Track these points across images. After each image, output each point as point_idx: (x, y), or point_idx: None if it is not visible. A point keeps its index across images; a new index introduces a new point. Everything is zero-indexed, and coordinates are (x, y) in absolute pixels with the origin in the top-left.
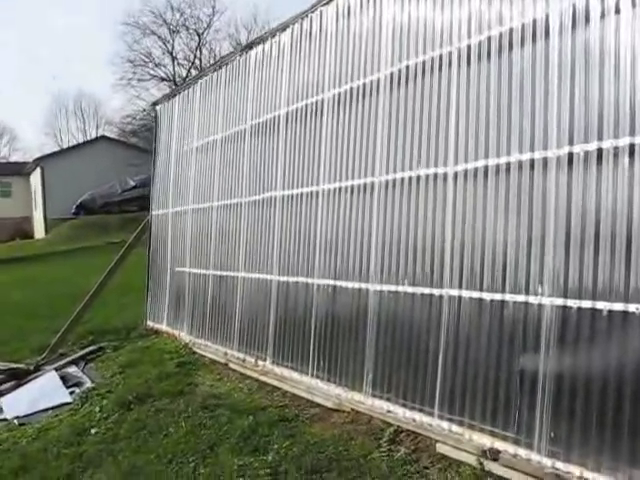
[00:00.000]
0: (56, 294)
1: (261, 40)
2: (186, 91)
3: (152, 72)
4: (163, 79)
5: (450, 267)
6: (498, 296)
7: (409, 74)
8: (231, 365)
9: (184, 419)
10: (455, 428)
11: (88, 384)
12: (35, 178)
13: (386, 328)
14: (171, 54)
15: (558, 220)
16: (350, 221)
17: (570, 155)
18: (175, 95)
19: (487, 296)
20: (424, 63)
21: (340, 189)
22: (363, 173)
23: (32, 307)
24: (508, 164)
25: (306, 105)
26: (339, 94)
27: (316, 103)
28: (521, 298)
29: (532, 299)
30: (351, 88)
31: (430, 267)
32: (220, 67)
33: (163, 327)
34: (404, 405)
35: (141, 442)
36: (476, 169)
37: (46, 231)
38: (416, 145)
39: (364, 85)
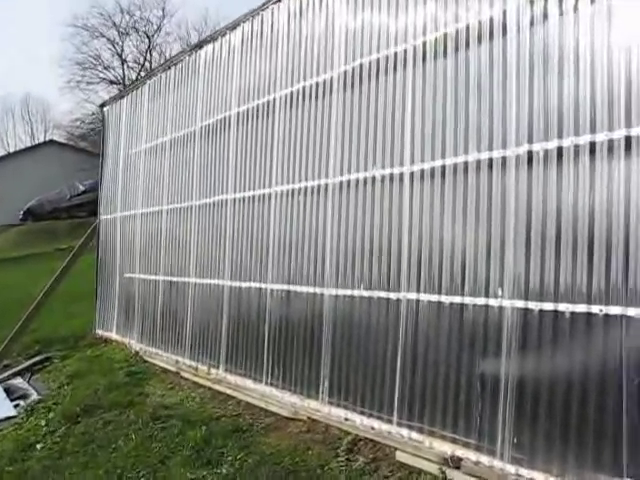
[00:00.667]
0: (2, 301)
1: (211, 39)
2: (134, 92)
3: (101, 75)
4: (112, 82)
5: (407, 270)
6: (457, 299)
7: (362, 73)
8: (183, 374)
9: (134, 431)
10: (415, 435)
11: (34, 396)
12: None
13: (342, 333)
14: (120, 57)
15: (518, 221)
16: (304, 224)
17: (529, 154)
18: (123, 97)
19: (446, 299)
20: (378, 61)
21: (293, 191)
22: (317, 174)
23: None
24: (466, 163)
25: (257, 105)
26: (291, 93)
27: (268, 103)
28: (481, 301)
29: (492, 302)
30: (303, 87)
31: (387, 270)
32: (169, 67)
33: (113, 335)
34: (362, 412)
35: (89, 457)
36: (432, 169)
37: None
38: (371, 145)
39: (317, 84)
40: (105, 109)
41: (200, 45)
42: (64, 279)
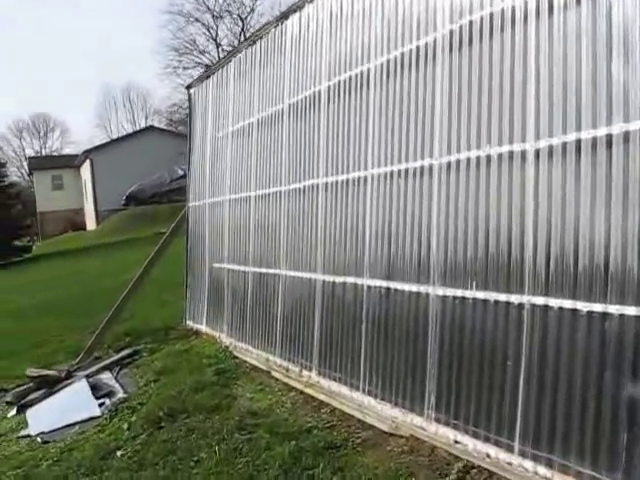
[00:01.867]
0: (100, 289)
1: (298, 8)
2: (220, 71)
3: (197, 59)
4: (208, 66)
5: (533, 268)
6: (598, 307)
7: (473, 31)
8: (274, 373)
9: (218, 442)
10: (542, 470)
11: (120, 394)
12: (85, 170)
13: (451, 341)
14: (215, 40)
15: None
16: (405, 212)
17: None
18: (209, 76)
19: (583, 306)
20: (491, 17)
21: (392, 173)
22: (419, 154)
23: (74, 304)
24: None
25: (350, 77)
26: (388, 61)
27: (361, 74)
28: (631, 310)
29: None
30: (402, 54)
31: (507, 268)
32: (254, 42)
33: (203, 328)
34: (475, 435)
35: (169, 470)
36: (565, 144)
37: (97, 223)
38: (485, 118)
39: (417, 48)
40: (192, 90)
41: (286, 15)
42: (157, 264)
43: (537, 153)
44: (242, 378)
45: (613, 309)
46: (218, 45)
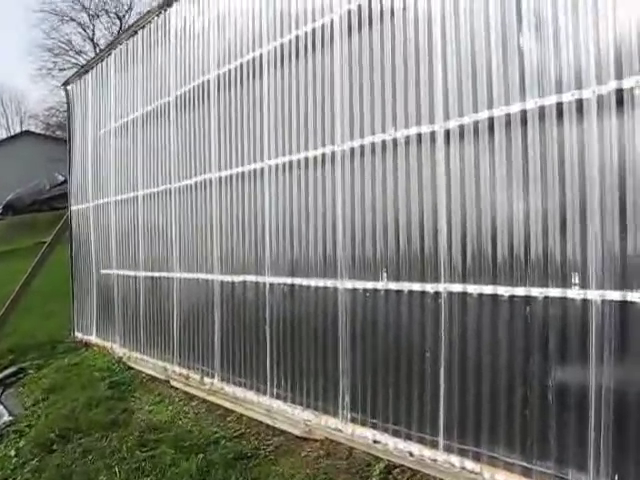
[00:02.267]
0: None
1: None
2: (100, 65)
3: (73, 60)
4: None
5: (448, 254)
6: (520, 290)
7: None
8: (173, 383)
9: (118, 462)
10: (470, 464)
11: (5, 417)
12: None
13: (364, 335)
14: (92, 40)
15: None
16: (307, 203)
17: None
18: (88, 71)
19: (504, 291)
20: None
21: (291, 163)
22: (320, 142)
23: None
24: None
25: (241, 64)
26: (282, 46)
27: (254, 60)
28: (555, 292)
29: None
30: (297, 37)
31: (420, 255)
32: (136, 32)
33: (93, 339)
34: (395, 433)
35: None
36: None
37: None
38: (389, 100)
39: (313, 31)
40: (69, 87)
41: (169, 2)
42: (40, 274)
43: (447, 134)
44: (139, 390)
45: (536, 292)
46: (95, 45)
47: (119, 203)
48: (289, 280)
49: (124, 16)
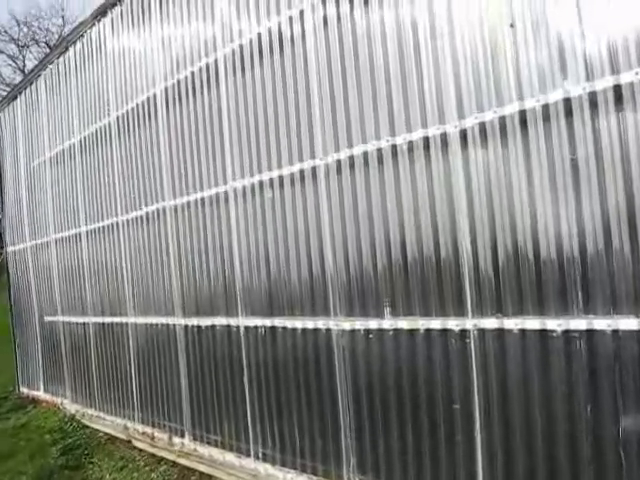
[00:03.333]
0: None
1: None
2: (29, 88)
3: (3, 92)
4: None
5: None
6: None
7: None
8: (136, 443)
9: None
10: None
11: None
12: None
13: (369, 385)
14: (22, 71)
15: None
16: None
17: None
18: (16, 97)
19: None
20: None
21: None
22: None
23: None
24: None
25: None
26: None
27: (148, 100)
28: None
29: None
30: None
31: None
32: (67, 49)
33: (40, 394)
34: None
35: None
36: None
37: None
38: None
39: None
40: None
41: (104, 12)
42: None
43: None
44: (97, 454)
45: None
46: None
47: (60, 241)
48: (268, 321)
49: (54, 45)
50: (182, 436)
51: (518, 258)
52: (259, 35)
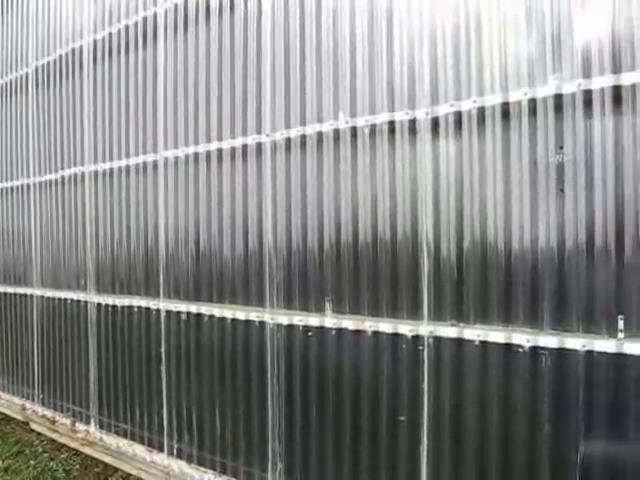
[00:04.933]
0: None
1: None
2: None
3: None
4: None
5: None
6: None
7: None
8: (35, 427)
9: None
10: None
11: None
12: None
13: (304, 384)
14: None
15: None
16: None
17: None
18: None
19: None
20: None
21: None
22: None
23: None
24: None
25: (60, 56)
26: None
27: (73, 52)
28: None
29: None
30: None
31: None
32: None
33: None
34: None
35: None
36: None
37: None
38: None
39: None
40: None
41: None
42: None
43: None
44: None
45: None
46: None
47: None
48: (193, 307)
49: None
50: (87, 423)
51: (486, 261)
52: None
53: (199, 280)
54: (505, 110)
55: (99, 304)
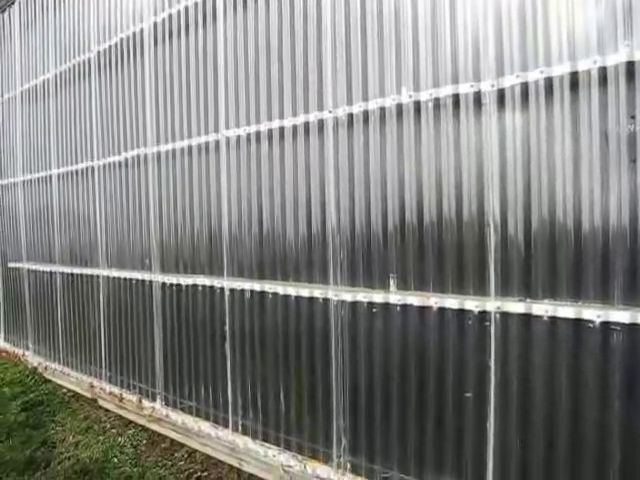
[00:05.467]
0: None
1: None
2: (0, 17)
3: None
4: None
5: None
6: None
7: None
8: (103, 403)
9: None
10: None
11: None
12: None
13: (368, 356)
14: None
15: None
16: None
17: None
18: None
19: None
20: None
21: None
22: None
23: None
24: None
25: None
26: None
27: (134, 34)
28: None
29: None
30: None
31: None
32: None
33: (0, 344)
34: None
35: None
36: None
37: None
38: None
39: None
40: None
41: None
42: None
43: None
44: (61, 412)
45: None
46: None
47: (28, 184)
48: (257, 285)
49: None
50: (153, 400)
51: (555, 237)
52: None
53: (262, 259)
54: (574, 80)
55: (164, 283)
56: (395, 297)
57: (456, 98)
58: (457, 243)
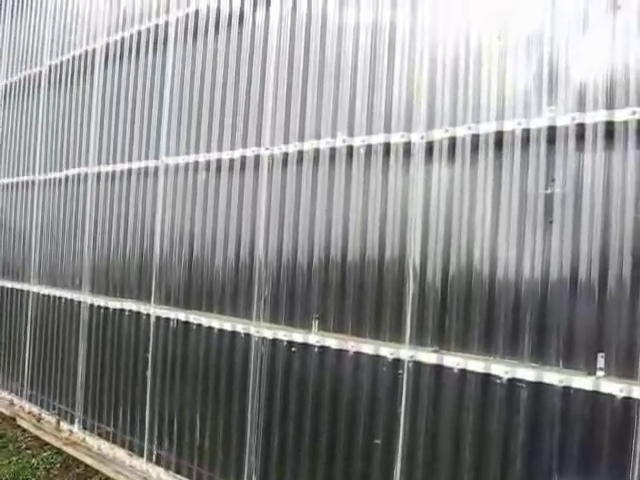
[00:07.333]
0: None
1: None
2: None
3: None
4: None
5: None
6: None
7: None
8: (21, 422)
9: None
10: None
11: None
12: None
13: (284, 393)
14: None
15: None
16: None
17: None
18: None
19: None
20: None
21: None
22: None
23: None
24: None
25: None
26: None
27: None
28: None
29: None
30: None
31: None
32: None
33: None
34: None
35: None
36: None
37: None
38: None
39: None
40: None
41: None
42: None
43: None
44: None
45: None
46: None
47: None
48: (182, 315)
49: None
50: (72, 422)
51: (470, 289)
52: (219, 3)
53: (190, 289)
54: (499, 139)
55: (92, 305)
56: (314, 338)
57: (387, 147)
58: (377, 288)
